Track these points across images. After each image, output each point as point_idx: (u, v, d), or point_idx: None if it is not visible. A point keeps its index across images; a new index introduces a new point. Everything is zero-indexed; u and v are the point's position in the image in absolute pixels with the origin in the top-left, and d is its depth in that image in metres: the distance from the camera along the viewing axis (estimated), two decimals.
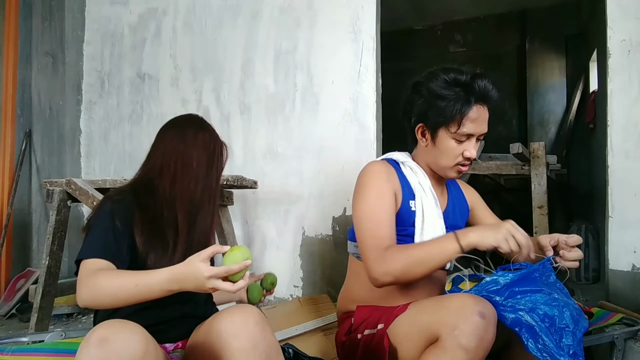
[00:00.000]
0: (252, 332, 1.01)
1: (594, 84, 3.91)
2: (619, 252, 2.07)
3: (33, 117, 3.32)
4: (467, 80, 1.32)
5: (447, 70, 1.35)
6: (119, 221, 1.19)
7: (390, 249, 1.27)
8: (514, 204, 4.06)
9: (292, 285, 2.68)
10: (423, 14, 5.37)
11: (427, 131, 1.38)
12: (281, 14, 2.78)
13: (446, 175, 1.42)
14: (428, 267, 1.23)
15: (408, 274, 1.24)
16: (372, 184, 1.36)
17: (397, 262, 1.24)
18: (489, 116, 1.36)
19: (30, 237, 3.32)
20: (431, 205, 1.39)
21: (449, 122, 1.32)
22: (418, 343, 1.17)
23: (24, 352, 1.46)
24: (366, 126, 2.55)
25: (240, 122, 2.87)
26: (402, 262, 1.23)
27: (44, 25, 3.32)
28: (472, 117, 1.31)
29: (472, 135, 1.35)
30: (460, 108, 1.30)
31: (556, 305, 1.14)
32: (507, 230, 1.17)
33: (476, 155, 1.38)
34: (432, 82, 1.35)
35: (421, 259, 1.23)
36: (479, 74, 1.33)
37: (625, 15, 2.10)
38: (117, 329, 0.95)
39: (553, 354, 1.08)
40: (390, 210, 1.33)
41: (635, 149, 2.07)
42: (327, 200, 2.61)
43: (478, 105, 1.32)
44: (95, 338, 0.92)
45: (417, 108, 1.38)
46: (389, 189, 1.35)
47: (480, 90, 1.31)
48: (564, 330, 1.11)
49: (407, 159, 1.46)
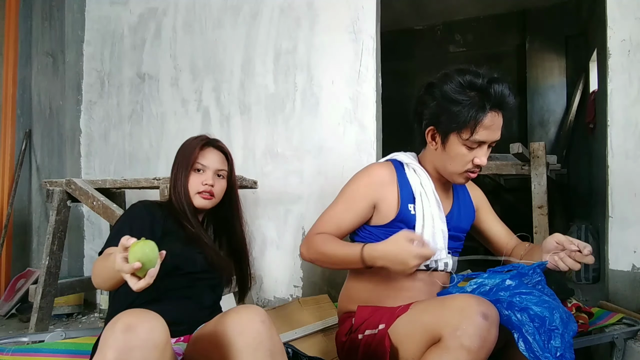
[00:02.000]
0: (258, 330, 1.04)
1: (594, 84, 3.90)
2: (619, 252, 2.07)
3: (33, 117, 3.32)
4: (483, 85, 1.26)
5: (463, 73, 1.29)
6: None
7: (320, 235, 1.37)
8: (514, 204, 4.07)
9: (292, 285, 2.68)
10: (423, 14, 5.36)
11: (437, 135, 1.34)
12: (281, 14, 2.78)
13: (453, 180, 1.40)
14: (335, 266, 1.37)
15: (319, 262, 1.38)
16: (353, 186, 1.43)
17: (315, 248, 1.36)
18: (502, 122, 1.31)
19: (30, 237, 3.33)
20: (433, 209, 1.38)
21: (462, 128, 1.27)
22: (420, 343, 1.17)
23: (24, 352, 1.47)
24: (366, 126, 2.55)
25: (240, 122, 2.87)
26: (317, 251, 1.35)
27: (44, 25, 3.32)
28: (486, 124, 1.27)
29: (484, 143, 1.31)
30: (475, 115, 1.25)
31: (547, 306, 1.14)
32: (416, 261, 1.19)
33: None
34: (446, 85, 1.29)
35: (329, 257, 1.34)
36: (496, 78, 1.28)
37: (625, 15, 2.10)
38: (142, 317, 0.97)
39: (537, 355, 1.08)
40: (353, 214, 1.40)
41: (635, 149, 2.07)
42: (327, 200, 2.57)
43: (493, 112, 1.27)
44: (122, 324, 0.94)
45: (429, 110, 1.34)
46: (367, 195, 1.39)
47: (496, 96, 1.26)
48: (553, 332, 1.12)
49: (411, 161, 1.44)
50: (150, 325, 0.96)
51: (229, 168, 1.52)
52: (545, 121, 5.03)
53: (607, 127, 2.13)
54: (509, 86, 1.29)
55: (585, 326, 1.63)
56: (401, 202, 1.37)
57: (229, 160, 1.53)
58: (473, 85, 1.27)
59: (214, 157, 1.48)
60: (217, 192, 1.47)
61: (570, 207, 4.38)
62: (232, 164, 1.54)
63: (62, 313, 2.93)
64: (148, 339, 0.94)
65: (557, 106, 5.00)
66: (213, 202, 1.46)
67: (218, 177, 1.48)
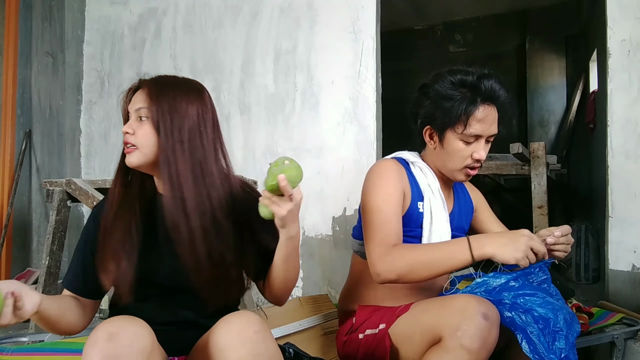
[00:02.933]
0: (251, 341, 0.94)
1: (594, 84, 3.90)
2: (619, 252, 2.07)
3: (33, 117, 3.31)
4: (473, 81, 1.30)
5: (454, 72, 1.34)
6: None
7: (398, 246, 1.26)
8: (514, 204, 4.06)
9: None
10: (423, 14, 5.36)
11: (434, 133, 1.36)
12: (281, 14, 2.78)
13: (455, 178, 1.40)
14: (434, 271, 1.22)
15: (412, 275, 1.22)
16: (383, 181, 1.34)
17: (403, 261, 1.22)
18: (498, 117, 1.33)
19: (30, 237, 3.32)
20: (439, 208, 1.38)
21: (455, 123, 1.30)
22: (420, 343, 1.17)
23: (24, 352, 1.46)
24: (366, 126, 2.55)
25: (240, 122, 2.87)
26: (408, 262, 1.22)
27: (44, 25, 3.32)
28: (478, 117, 1.29)
29: (481, 137, 1.32)
30: (466, 108, 1.28)
31: (551, 308, 1.14)
32: (526, 245, 1.15)
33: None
34: (438, 84, 1.33)
35: (429, 261, 1.22)
36: (486, 74, 1.32)
37: (625, 15, 2.10)
38: (124, 323, 0.93)
39: (543, 357, 1.08)
40: (398, 208, 1.32)
41: (635, 149, 2.07)
42: (327, 200, 2.61)
43: (485, 105, 1.30)
44: (104, 333, 0.90)
45: (424, 110, 1.37)
46: (399, 187, 1.34)
47: (486, 90, 1.30)
48: (557, 334, 1.11)
49: (417, 159, 1.44)
50: (134, 331, 0.92)
51: (154, 105, 1.08)
52: (545, 121, 5.03)
53: (607, 127, 2.13)
54: (499, 80, 1.32)
55: (585, 326, 1.63)
56: (412, 199, 1.37)
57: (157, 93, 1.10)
58: (464, 82, 1.31)
59: (137, 97, 1.13)
60: (139, 141, 1.10)
61: (570, 207, 4.38)
62: (166, 99, 1.09)
63: None
64: (131, 346, 0.90)
65: (557, 106, 4.99)
66: (139, 157, 1.11)
67: (140, 121, 1.11)
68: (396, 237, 1.29)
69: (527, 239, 1.16)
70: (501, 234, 1.24)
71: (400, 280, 1.25)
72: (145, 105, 1.10)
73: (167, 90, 1.11)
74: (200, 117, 1.12)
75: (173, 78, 1.18)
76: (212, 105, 1.19)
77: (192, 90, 1.15)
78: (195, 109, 1.12)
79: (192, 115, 1.11)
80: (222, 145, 1.18)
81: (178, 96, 1.11)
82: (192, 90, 1.15)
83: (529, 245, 1.15)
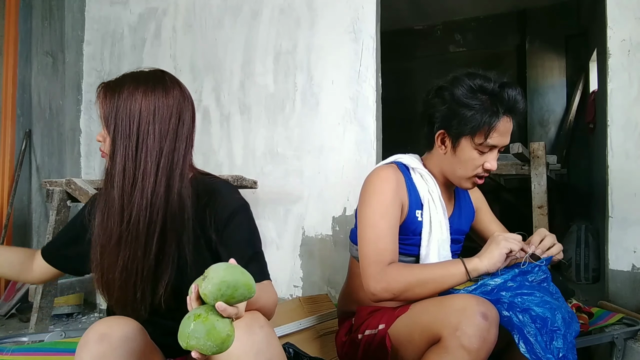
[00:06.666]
0: (256, 337, 0.93)
1: (594, 84, 3.91)
2: (619, 252, 2.07)
3: (33, 117, 3.31)
4: (495, 89, 1.27)
5: (473, 76, 1.29)
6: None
7: (393, 266, 1.24)
8: (514, 204, 4.06)
9: (292, 285, 2.68)
10: (423, 14, 5.36)
11: (448, 139, 1.33)
12: (281, 14, 2.78)
13: (461, 185, 1.38)
14: (430, 289, 1.22)
15: (407, 294, 1.23)
16: (379, 196, 1.30)
17: (399, 280, 1.22)
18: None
19: (30, 237, 3.32)
20: (439, 216, 1.36)
21: (475, 133, 1.27)
22: (419, 344, 1.17)
23: (24, 351, 1.46)
24: (366, 126, 2.55)
25: (240, 122, 2.87)
26: (404, 281, 1.22)
27: (44, 25, 3.32)
28: (499, 129, 1.27)
29: (495, 147, 1.30)
30: (489, 120, 1.25)
31: (549, 307, 1.14)
32: (503, 248, 1.22)
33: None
34: (456, 88, 1.28)
35: (425, 280, 1.22)
36: (507, 83, 1.28)
37: (625, 15, 2.10)
38: (115, 323, 0.93)
39: (539, 357, 1.08)
40: (394, 222, 1.30)
41: (635, 149, 2.07)
42: (327, 200, 2.61)
43: (506, 117, 1.27)
44: (95, 334, 0.91)
45: (440, 114, 1.32)
46: (397, 200, 1.31)
47: (510, 101, 1.26)
48: (555, 333, 1.11)
49: (418, 165, 1.41)
50: (124, 331, 0.92)
51: (106, 107, 1.05)
52: (545, 121, 5.03)
53: (607, 127, 2.13)
54: (521, 91, 1.29)
55: (585, 326, 1.63)
56: (409, 208, 1.35)
57: (105, 96, 1.06)
58: (484, 89, 1.27)
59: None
60: (106, 148, 1.09)
61: (570, 207, 4.38)
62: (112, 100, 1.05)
63: (62, 313, 2.93)
64: (122, 347, 0.90)
65: (557, 106, 5.00)
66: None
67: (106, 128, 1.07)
68: (391, 255, 1.27)
69: (503, 245, 1.22)
70: (488, 249, 1.25)
71: (395, 299, 1.25)
72: (100, 113, 1.08)
73: (113, 92, 1.06)
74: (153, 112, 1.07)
75: (128, 76, 1.12)
76: (181, 96, 1.17)
77: (141, 85, 1.08)
78: (147, 103, 1.06)
79: (142, 111, 1.05)
80: (188, 140, 1.13)
81: (126, 95, 1.06)
82: (142, 85, 1.08)
83: (507, 238, 1.23)
